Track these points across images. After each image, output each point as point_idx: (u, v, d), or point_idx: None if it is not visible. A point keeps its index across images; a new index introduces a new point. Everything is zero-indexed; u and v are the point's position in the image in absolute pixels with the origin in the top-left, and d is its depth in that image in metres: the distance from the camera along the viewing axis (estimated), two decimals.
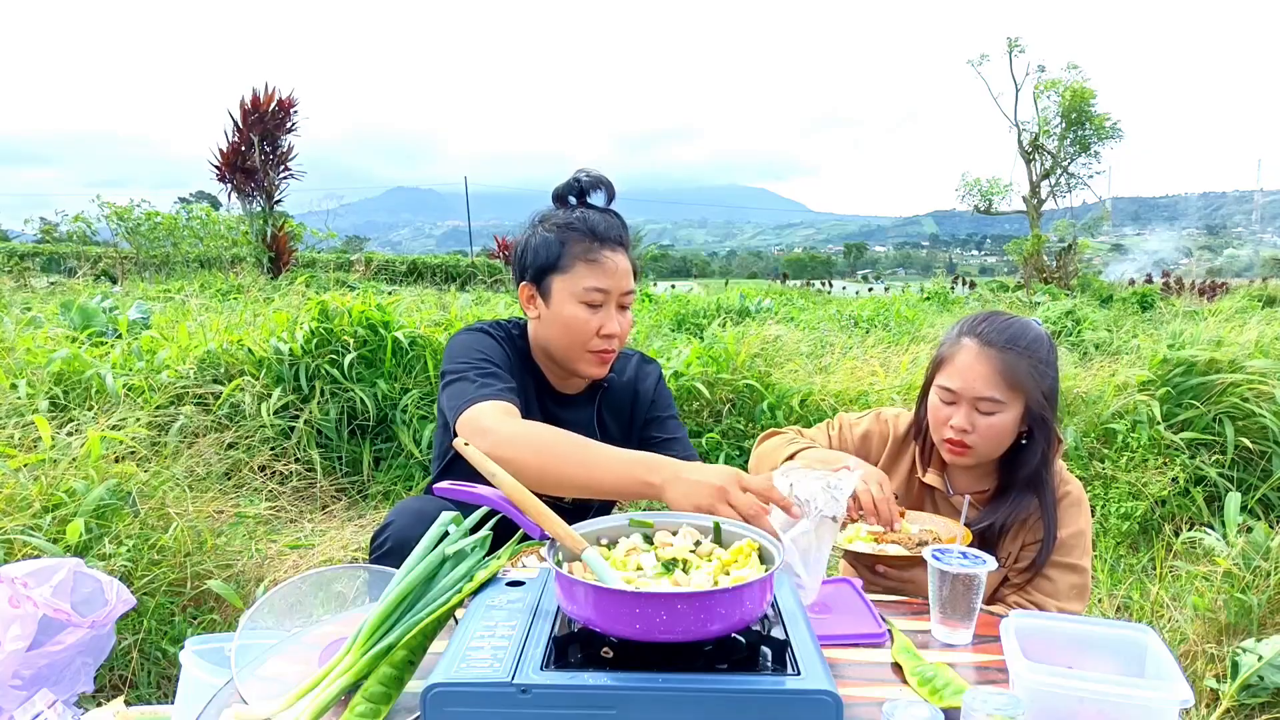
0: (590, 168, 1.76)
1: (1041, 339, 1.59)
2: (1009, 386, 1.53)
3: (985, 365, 1.54)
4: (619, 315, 1.68)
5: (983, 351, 1.55)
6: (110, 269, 15.92)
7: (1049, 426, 1.58)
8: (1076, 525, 1.60)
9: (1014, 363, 1.53)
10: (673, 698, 0.88)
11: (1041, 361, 1.56)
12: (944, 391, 1.59)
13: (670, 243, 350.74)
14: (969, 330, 1.60)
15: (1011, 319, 1.61)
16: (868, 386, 4.50)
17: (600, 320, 1.65)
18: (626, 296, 1.69)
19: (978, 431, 1.55)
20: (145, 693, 2.07)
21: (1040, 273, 19.54)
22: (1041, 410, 1.55)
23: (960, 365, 1.57)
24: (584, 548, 1.06)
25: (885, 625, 1.22)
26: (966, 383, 1.55)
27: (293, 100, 15.24)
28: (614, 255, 1.65)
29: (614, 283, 1.65)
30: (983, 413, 1.55)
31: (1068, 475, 1.66)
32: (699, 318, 8.80)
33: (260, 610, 1.17)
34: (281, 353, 4.02)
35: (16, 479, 2.25)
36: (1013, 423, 1.56)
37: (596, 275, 1.64)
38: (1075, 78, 20.51)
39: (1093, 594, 2.88)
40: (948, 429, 1.58)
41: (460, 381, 1.58)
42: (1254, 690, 1.97)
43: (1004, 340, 1.55)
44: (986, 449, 1.58)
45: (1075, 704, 0.93)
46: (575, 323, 1.65)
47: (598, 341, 1.67)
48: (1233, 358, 3.89)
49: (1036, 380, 1.54)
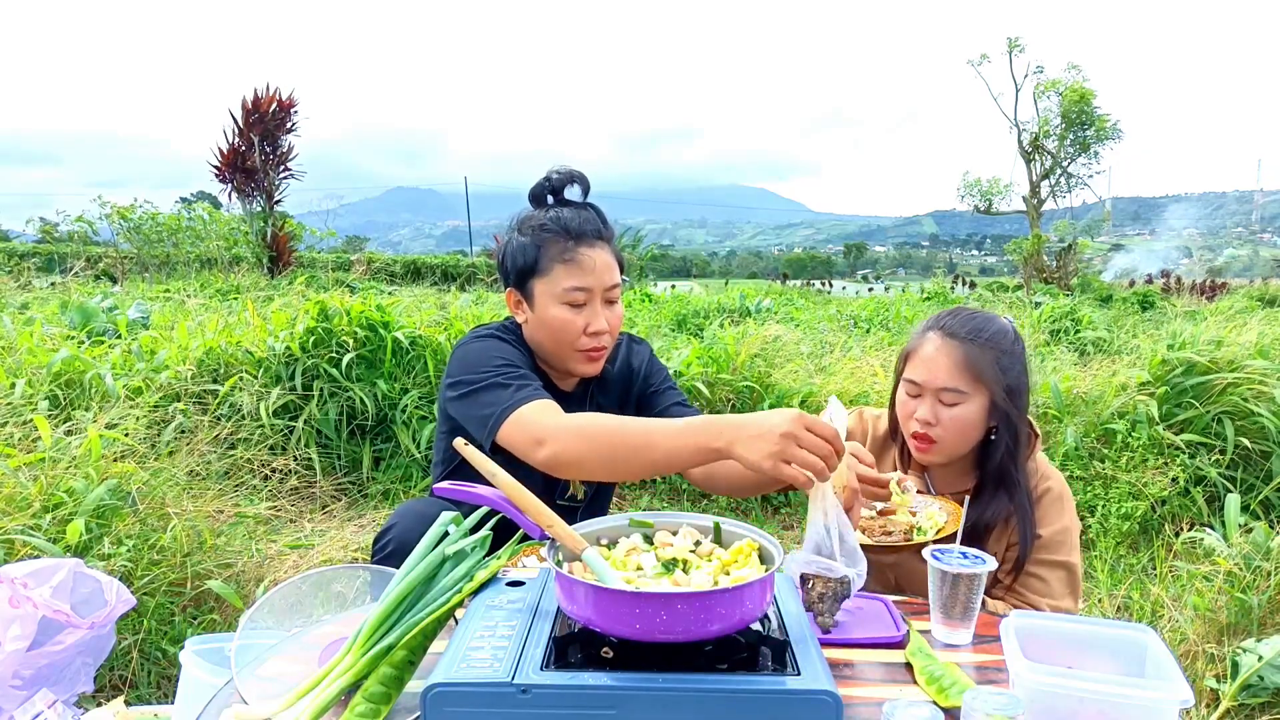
0: (563, 165, 1.71)
1: (1005, 332, 1.60)
2: (971, 378, 1.54)
3: (947, 356, 1.56)
4: (606, 310, 1.65)
5: (945, 343, 1.57)
6: (110, 269, 15.92)
7: (1013, 422, 1.57)
8: (1060, 522, 1.59)
9: (975, 354, 1.54)
10: (673, 698, 0.88)
11: (1005, 354, 1.57)
12: (909, 384, 1.61)
13: (670, 243, 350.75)
14: (934, 324, 1.62)
15: (976, 313, 1.63)
16: (868, 387, 4.50)
17: (586, 319, 1.63)
18: (611, 291, 1.66)
19: (941, 424, 1.56)
20: (145, 693, 2.07)
21: (1040, 273, 19.53)
22: (1005, 403, 1.56)
23: (924, 357, 1.59)
24: (584, 548, 1.06)
25: (905, 626, 1.22)
26: (930, 374, 1.57)
27: (293, 100, 15.25)
28: (591, 251, 1.62)
29: (594, 279, 1.62)
30: (946, 404, 1.56)
31: (1048, 470, 1.65)
32: (699, 318, 8.79)
33: (260, 610, 1.17)
34: (281, 352, 4.02)
35: (16, 479, 2.25)
36: (977, 415, 1.56)
37: (575, 275, 1.61)
38: (1075, 78, 20.50)
39: (1093, 594, 2.88)
40: (912, 422, 1.59)
41: (492, 388, 1.53)
42: (1254, 690, 1.97)
43: (966, 332, 1.57)
44: (951, 442, 1.58)
45: (1075, 704, 0.93)
46: (561, 324, 1.63)
47: (586, 340, 1.64)
48: (1232, 358, 3.89)
49: (999, 373, 1.55)
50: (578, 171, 1.69)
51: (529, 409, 1.46)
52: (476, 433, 1.53)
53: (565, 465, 1.38)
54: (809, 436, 1.14)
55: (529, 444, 1.41)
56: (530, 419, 1.44)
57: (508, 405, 1.48)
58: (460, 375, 1.60)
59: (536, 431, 1.40)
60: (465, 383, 1.58)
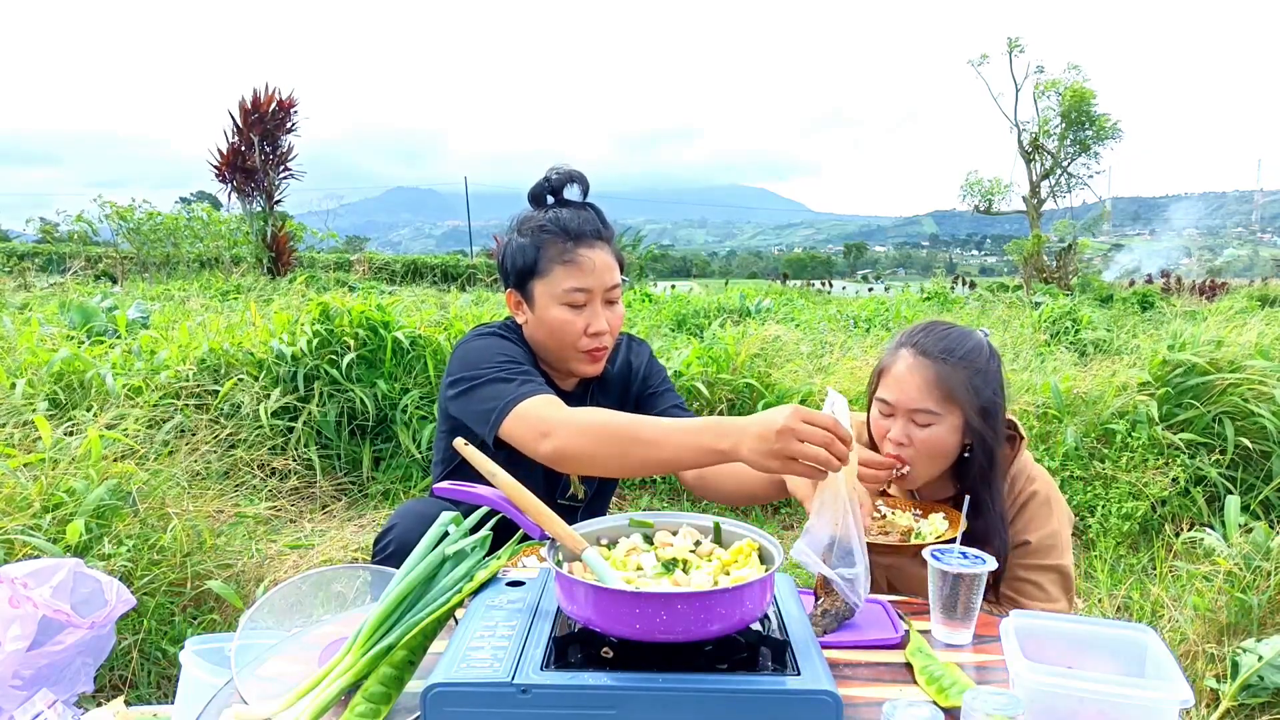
0: (563, 164, 1.70)
1: (980, 348, 1.54)
2: (943, 398, 1.49)
3: (919, 376, 1.50)
4: (607, 311, 1.65)
5: (917, 361, 1.52)
6: (110, 269, 15.93)
7: (988, 442, 1.52)
8: (1049, 525, 1.55)
9: (948, 374, 1.49)
10: (673, 698, 0.88)
11: (979, 372, 1.51)
12: (881, 404, 1.56)
13: (670, 243, 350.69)
14: (906, 340, 1.57)
15: (950, 328, 1.57)
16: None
17: (586, 319, 1.62)
18: (612, 291, 1.65)
19: (914, 444, 1.51)
20: (145, 693, 2.07)
21: (1040, 273, 19.53)
22: (979, 425, 1.50)
23: (896, 376, 1.54)
24: (584, 548, 1.06)
25: (904, 627, 1.22)
26: (903, 393, 1.51)
27: (293, 100, 15.26)
28: (591, 252, 1.61)
29: (594, 280, 1.61)
30: (919, 424, 1.51)
31: (1034, 472, 1.60)
32: (699, 318, 8.80)
33: (260, 610, 1.17)
34: (281, 353, 4.02)
35: (16, 479, 2.25)
36: (949, 435, 1.51)
37: (575, 275, 1.60)
38: (1075, 78, 20.50)
39: (1093, 594, 2.88)
40: (886, 443, 1.54)
41: (493, 383, 1.52)
42: (1254, 690, 1.97)
43: (939, 350, 1.51)
44: (922, 465, 1.53)
45: (1075, 704, 0.93)
46: (561, 325, 1.62)
47: (587, 340, 1.64)
48: (1232, 358, 3.89)
49: (972, 393, 1.50)
50: (577, 171, 1.69)
51: (532, 403, 1.45)
52: (479, 428, 1.52)
53: (568, 459, 1.38)
54: (807, 428, 1.13)
55: (533, 437, 1.41)
56: (534, 412, 1.43)
57: (511, 399, 1.47)
58: (461, 373, 1.60)
59: (540, 425, 1.40)
60: (466, 379, 1.58)
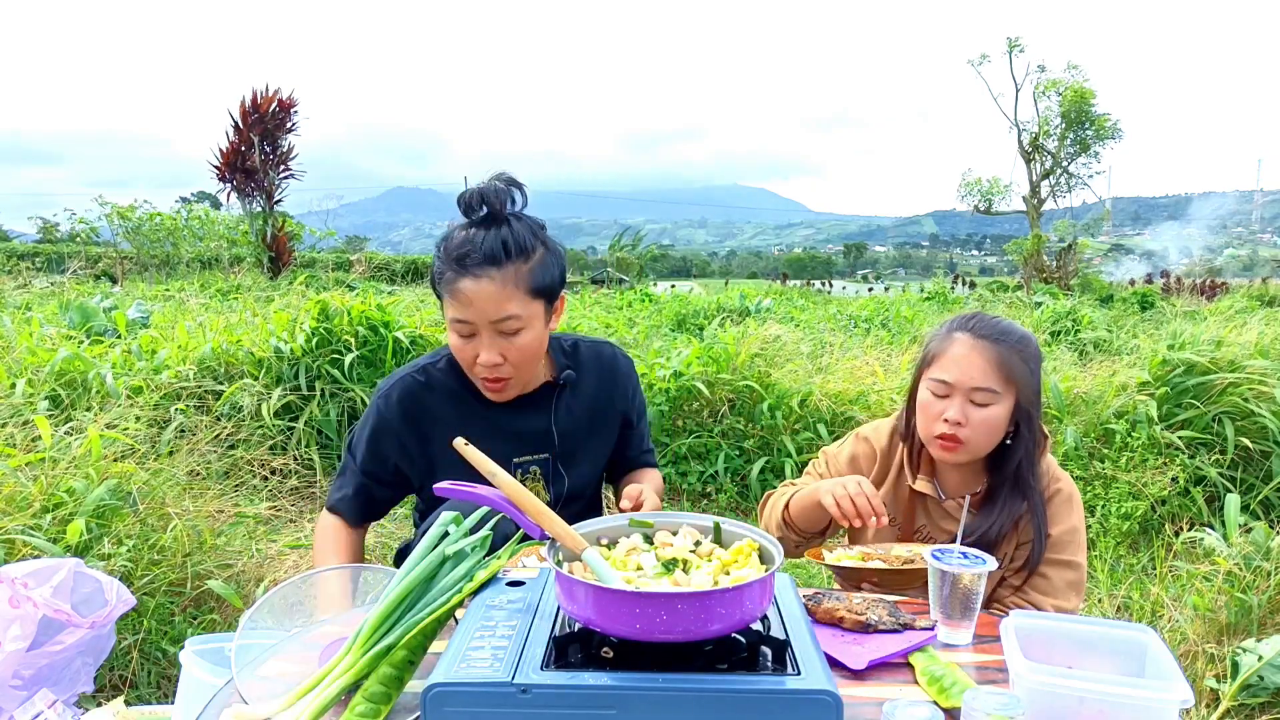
0: (504, 172, 1.59)
1: (1029, 338, 1.62)
2: (1004, 377, 1.55)
3: (981, 356, 1.56)
4: (502, 341, 1.54)
5: (977, 343, 1.57)
6: (110, 269, 15.93)
7: (1034, 424, 1.59)
8: (1069, 522, 1.61)
9: (1008, 355, 1.56)
10: (673, 698, 0.88)
11: (1031, 358, 1.59)
12: (937, 384, 1.60)
13: (670, 243, 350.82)
14: (960, 326, 1.63)
15: (998, 317, 1.65)
16: (867, 387, 4.49)
17: (474, 349, 1.55)
18: (504, 323, 1.53)
19: (970, 424, 1.56)
20: (145, 693, 2.07)
21: (1040, 273, 19.53)
22: (1030, 405, 1.58)
23: (955, 356, 1.59)
24: (584, 548, 1.06)
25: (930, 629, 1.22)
26: (963, 373, 1.56)
27: (293, 100, 15.27)
28: (474, 284, 1.50)
29: (473, 313, 1.51)
30: (977, 404, 1.56)
31: (1058, 471, 1.67)
32: (699, 318, 8.79)
33: (260, 610, 1.17)
34: (282, 353, 4.02)
35: (16, 479, 2.25)
36: (1004, 416, 1.57)
37: (453, 307, 1.54)
38: (1075, 78, 20.50)
39: (1093, 594, 2.88)
40: (940, 423, 1.57)
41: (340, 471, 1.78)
42: (1254, 690, 1.97)
43: (996, 334, 1.58)
44: (978, 443, 1.58)
45: (1075, 704, 0.93)
46: (456, 351, 1.59)
47: (479, 369, 1.58)
48: (1232, 358, 3.89)
49: (1029, 374, 1.57)
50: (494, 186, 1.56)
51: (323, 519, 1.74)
52: None
53: None
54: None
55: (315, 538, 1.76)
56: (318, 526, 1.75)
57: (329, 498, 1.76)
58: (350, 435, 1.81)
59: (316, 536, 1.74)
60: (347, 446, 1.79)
